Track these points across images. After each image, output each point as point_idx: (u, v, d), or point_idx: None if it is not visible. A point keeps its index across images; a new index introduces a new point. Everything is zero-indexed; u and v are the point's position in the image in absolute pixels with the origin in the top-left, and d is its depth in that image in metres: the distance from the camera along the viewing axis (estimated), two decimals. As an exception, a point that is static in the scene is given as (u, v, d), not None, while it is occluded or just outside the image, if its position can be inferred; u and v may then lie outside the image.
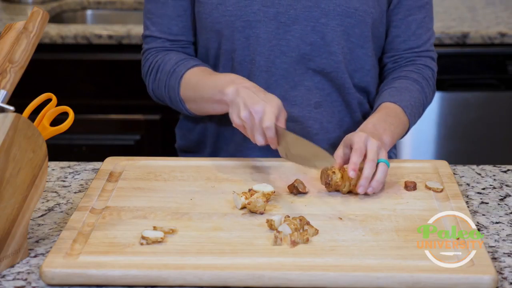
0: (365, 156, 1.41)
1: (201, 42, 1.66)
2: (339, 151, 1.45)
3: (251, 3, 1.58)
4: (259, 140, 1.44)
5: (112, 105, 2.68)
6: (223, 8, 1.59)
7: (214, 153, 1.72)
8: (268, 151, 1.53)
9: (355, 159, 1.40)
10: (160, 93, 1.65)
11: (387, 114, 1.57)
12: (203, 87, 1.56)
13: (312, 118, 1.62)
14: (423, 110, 1.69)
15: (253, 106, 1.43)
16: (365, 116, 1.67)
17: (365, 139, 1.42)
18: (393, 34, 1.67)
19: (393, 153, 1.76)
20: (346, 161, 1.43)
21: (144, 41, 1.70)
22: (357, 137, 1.43)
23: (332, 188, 1.42)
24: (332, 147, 1.58)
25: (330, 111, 1.65)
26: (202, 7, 1.61)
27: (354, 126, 1.64)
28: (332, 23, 1.58)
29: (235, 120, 1.46)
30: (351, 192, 1.42)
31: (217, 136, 1.70)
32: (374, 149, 1.41)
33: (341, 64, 1.62)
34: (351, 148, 1.43)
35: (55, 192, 1.48)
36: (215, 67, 1.66)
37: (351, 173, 1.39)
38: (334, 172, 1.42)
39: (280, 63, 1.61)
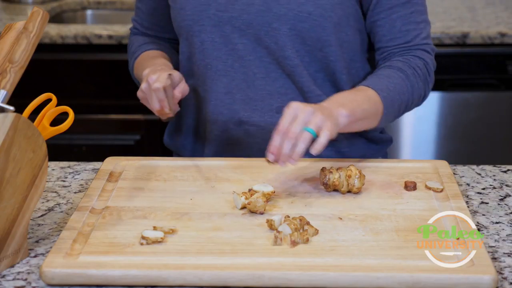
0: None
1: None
2: (273, 138, 1.38)
3: (206, 8, 1.59)
4: (154, 105, 1.48)
5: (112, 105, 2.68)
6: (183, 12, 1.62)
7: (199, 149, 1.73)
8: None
9: (275, 141, 1.35)
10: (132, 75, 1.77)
11: (352, 92, 1.53)
12: (141, 69, 1.63)
13: (274, 124, 1.47)
14: (410, 99, 1.61)
15: (150, 76, 1.48)
16: None
17: (294, 110, 1.36)
18: (380, 34, 1.64)
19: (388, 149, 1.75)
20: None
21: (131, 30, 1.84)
22: (286, 110, 1.37)
23: (330, 188, 1.42)
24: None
25: None
26: (171, 11, 1.66)
27: None
28: (283, 27, 1.57)
29: (138, 94, 1.52)
30: (351, 192, 1.42)
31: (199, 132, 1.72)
32: (299, 120, 1.35)
33: (299, 68, 1.60)
34: None
35: (55, 192, 1.48)
36: (189, 70, 1.68)
37: (270, 157, 1.34)
38: (331, 172, 1.42)
39: (239, 67, 1.61)
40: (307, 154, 1.39)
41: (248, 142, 1.63)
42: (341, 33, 1.60)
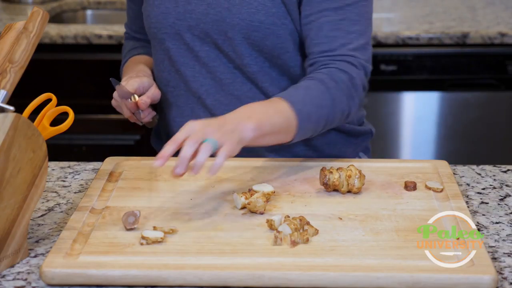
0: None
1: None
2: (165, 148, 1.32)
3: (167, 16, 1.60)
4: (125, 112, 1.58)
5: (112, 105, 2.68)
6: (149, 20, 1.64)
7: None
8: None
9: (166, 148, 1.29)
10: None
11: (263, 104, 1.45)
12: (123, 76, 1.68)
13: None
14: (331, 114, 1.50)
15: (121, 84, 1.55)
16: None
17: (187, 125, 1.32)
18: (309, 37, 1.57)
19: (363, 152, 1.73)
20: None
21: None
22: (182, 128, 1.33)
23: (330, 188, 1.42)
24: (263, 156, 1.57)
25: None
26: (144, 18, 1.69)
27: None
28: (238, 37, 1.57)
29: (112, 102, 1.61)
30: (351, 191, 1.42)
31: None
32: (195, 130, 1.30)
33: (259, 74, 1.60)
34: None
35: (55, 192, 1.48)
36: (161, 75, 1.69)
37: (156, 163, 1.28)
38: (331, 172, 1.42)
39: (206, 73, 1.62)
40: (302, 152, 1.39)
41: None
42: (297, 38, 1.59)
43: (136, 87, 1.57)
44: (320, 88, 1.49)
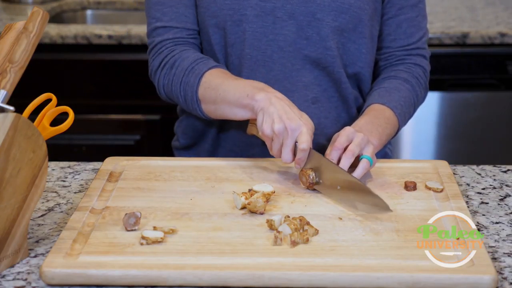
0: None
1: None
2: (331, 153, 1.45)
3: None
4: (287, 158, 1.42)
5: (112, 105, 2.68)
6: (221, 1, 1.59)
7: (213, 148, 1.71)
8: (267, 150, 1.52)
9: (332, 154, 1.43)
10: (173, 90, 1.60)
11: (375, 116, 1.57)
12: (228, 89, 1.50)
13: (309, 114, 1.52)
14: (415, 109, 1.69)
15: (289, 122, 1.40)
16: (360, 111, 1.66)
17: (349, 133, 1.44)
18: (385, 32, 1.68)
19: (388, 149, 1.75)
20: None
21: (155, 33, 1.63)
22: (342, 132, 1.45)
23: (313, 185, 1.42)
24: (329, 142, 1.56)
25: (327, 106, 1.65)
26: (201, 0, 1.61)
27: (350, 121, 1.64)
28: (327, 18, 1.58)
29: (265, 130, 1.42)
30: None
31: (218, 132, 1.70)
32: (356, 142, 1.43)
33: (337, 58, 1.62)
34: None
35: (55, 192, 1.48)
36: (222, 61, 1.65)
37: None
38: (311, 170, 1.42)
39: (278, 58, 1.61)
40: None
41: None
42: (372, 27, 1.64)
43: (311, 136, 1.44)
44: (408, 88, 1.64)
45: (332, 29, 1.59)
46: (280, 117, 1.41)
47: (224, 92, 1.51)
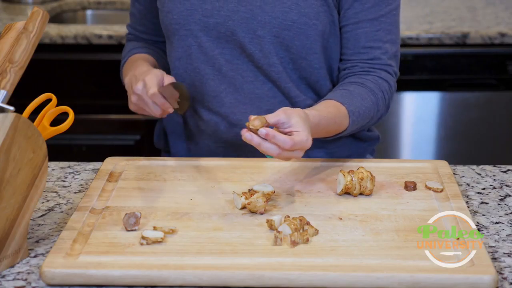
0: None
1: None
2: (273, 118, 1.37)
3: (193, 12, 1.59)
4: (155, 111, 1.49)
5: (112, 105, 2.68)
6: (170, 16, 1.62)
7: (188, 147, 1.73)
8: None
9: (266, 145, 1.34)
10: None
11: (328, 112, 1.49)
12: (125, 76, 1.64)
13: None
14: (368, 124, 1.61)
15: (135, 86, 1.50)
16: None
17: (300, 140, 1.35)
18: (345, 45, 1.62)
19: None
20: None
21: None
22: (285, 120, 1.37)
23: (342, 191, 1.41)
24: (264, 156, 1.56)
25: None
26: (159, 14, 1.66)
27: None
28: (268, 35, 1.57)
29: (130, 107, 1.54)
30: (363, 194, 1.41)
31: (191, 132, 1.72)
32: (295, 154, 1.35)
33: (283, 74, 1.60)
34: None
35: (55, 192, 1.48)
36: (177, 73, 1.67)
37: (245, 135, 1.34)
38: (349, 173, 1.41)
39: (227, 71, 1.61)
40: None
41: (239, 144, 1.62)
42: (325, 40, 1.60)
43: (157, 82, 1.51)
44: (372, 100, 1.57)
45: (274, 45, 1.57)
46: (132, 88, 1.52)
47: (124, 79, 1.64)
